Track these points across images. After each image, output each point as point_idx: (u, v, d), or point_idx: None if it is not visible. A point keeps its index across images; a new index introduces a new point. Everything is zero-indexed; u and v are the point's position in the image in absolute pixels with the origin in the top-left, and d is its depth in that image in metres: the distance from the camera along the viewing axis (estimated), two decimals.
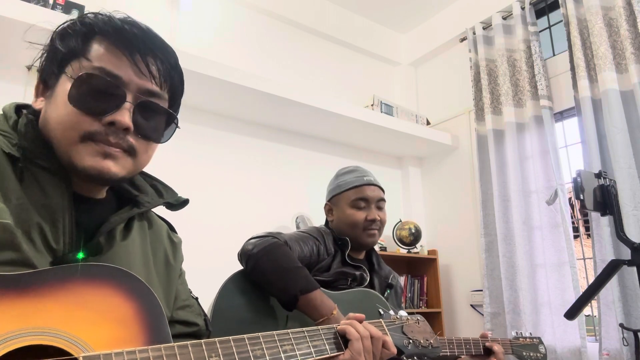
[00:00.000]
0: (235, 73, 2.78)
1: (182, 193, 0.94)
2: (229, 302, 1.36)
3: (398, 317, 1.11)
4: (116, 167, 0.74)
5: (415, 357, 1.06)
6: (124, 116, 0.73)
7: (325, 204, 1.78)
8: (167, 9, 3.09)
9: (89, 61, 0.74)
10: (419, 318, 1.14)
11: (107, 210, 0.80)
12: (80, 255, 0.70)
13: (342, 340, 0.91)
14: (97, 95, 0.72)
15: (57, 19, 2.40)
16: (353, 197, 1.68)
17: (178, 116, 0.85)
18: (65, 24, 0.78)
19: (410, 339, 1.07)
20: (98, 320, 0.63)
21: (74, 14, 2.49)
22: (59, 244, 0.70)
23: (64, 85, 0.73)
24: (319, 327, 0.90)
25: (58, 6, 2.46)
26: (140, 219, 0.86)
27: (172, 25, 3.05)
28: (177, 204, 0.90)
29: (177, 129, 0.83)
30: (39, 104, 0.78)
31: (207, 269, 1.80)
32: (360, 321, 0.95)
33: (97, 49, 0.75)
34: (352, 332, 0.91)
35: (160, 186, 0.91)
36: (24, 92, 2.49)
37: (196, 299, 0.94)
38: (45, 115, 0.76)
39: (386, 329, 1.04)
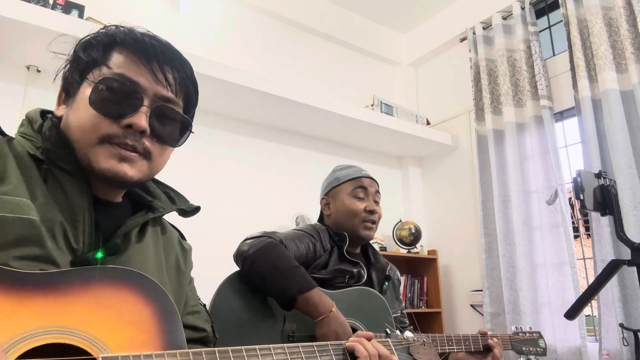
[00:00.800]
0: (235, 73, 2.78)
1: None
2: (225, 303, 1.35)
3: (405, 337, 1.12)
4: (132, 170, 0.77)
5: None
6: (141, 119, 0.76)
7: (322, 199, 1.78)
8: (167, 9, 3.09)
9: (110, 68, 0.78)
10: (425, 340, 1.15)
11: (124, 214, 0.83)
12: (99, 254, 0.73)
13: (350, 357, 0.92)
14: (115, 99, 0.76)
15: (57, 19, 2.39)
16: (352, 187, 1.70)
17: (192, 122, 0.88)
18: (89, 36, 0.82)
19: None
20: (117, 322, 0.64)
21: (74, 14, 2.48)
22: (79, 244, 0.72)
23: (85, 91, 0.77)
24: (328, 342, 0.91)
25: (58, 6, 2.45)
26: (154, 225, 0.88)
27: (172, 25, 3.05)
28: (190, 210, 0.93)
29: (191, 134, 0.87)
30: (60, 111, 0.81)
31: (206, 268, 1.79)
32: (369, 339, 0.96)
33: (117, 58, 0.79)
34: (361, 350, 0.92)
35: (172, 193, 0.94)
36: (24, 92, 2.48)
37: (204, 305, 0.97)
38: (66, 121, 0.79)
39: (393, 349, 1.04)
